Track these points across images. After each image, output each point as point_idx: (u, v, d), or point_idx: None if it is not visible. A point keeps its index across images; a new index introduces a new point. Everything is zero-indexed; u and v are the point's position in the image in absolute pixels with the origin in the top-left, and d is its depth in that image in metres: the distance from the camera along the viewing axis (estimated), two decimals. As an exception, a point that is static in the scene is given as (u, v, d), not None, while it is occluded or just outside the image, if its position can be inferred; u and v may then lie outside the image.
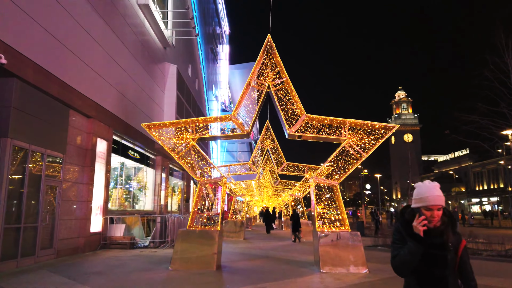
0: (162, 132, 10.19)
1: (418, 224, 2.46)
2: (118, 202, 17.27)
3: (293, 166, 20.26)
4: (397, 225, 2.71)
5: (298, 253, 13.05)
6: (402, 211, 2.78)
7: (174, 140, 10.13)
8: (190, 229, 9.57)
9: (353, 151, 9.95)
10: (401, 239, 2.59)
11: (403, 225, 2.63)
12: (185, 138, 10.11)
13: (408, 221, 2.61)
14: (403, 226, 2.62)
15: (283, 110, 10.17)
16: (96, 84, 13.56)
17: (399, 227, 2.66)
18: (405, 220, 2.66)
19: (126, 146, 17.62)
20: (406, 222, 2.62)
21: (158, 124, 10.09)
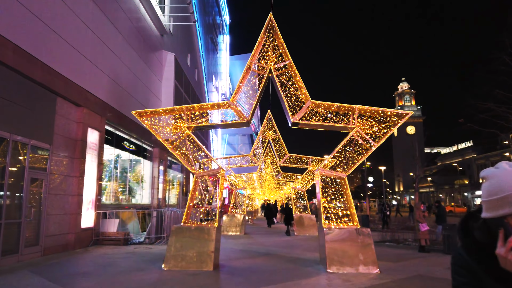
0: (155, 120, 9.37)
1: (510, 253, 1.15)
2: (113, 196, 16.53)
3: (296, 158, 19.45)
4: (462, 258, 1.34)
5: (301, 250, 12.30)
6: (464, 224, 1.38)
7: (168, 129, 9.31)
8: (185, 225, 8.79)
9: (363, 140, 9.12)
10: (473, 284, 1.29)
11: (477, 256, 1.30)
12: (179, 126, 9.29)
13: (481, 245, 1.29)
14: (477, 260, 1.29)
15: (286, 96, 9.33)
16: (86, 71, 12.71)
17: (467, 262, 1.32)
18: (476, 245, 1.31)
19: (121, 137, 16.83)
20: (479, 249, 1.30)
21: (150, 111, 9.28)
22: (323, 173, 9.12)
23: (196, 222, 8.97)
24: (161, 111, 9.26)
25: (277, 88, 9.50)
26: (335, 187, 9.15)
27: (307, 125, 9.35)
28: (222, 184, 9.11)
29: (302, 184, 20.47)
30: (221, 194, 8.98)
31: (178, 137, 9.37)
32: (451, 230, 11.48)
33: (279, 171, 28.55)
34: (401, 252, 11.88)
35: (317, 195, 9.21)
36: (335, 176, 9.13)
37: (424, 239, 11.86)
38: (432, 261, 10.21)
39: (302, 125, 9.37)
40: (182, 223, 8.90)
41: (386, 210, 18.30)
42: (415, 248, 12.65)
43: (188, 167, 9.26)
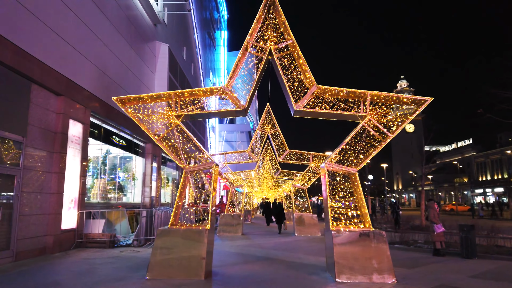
0: (139, 108, 8.23)
1: None
2: (101, 195, 15.38)
3: (296, 154, 18.36)
4: None
5: (304, 253, 11.21)
6: None
7: (154, 119, 8.18)
8: (173, 227, 7.67)
9: (375, 130, 8.01)
10: None
11: None
12: (167, 115, 8.16)
13: None
14: None
15: (288, 80, 8.21)
16: (67, 57, 11.56)
17: None
18: None
19: (109, 132, 15.67)
20: None
21: (133, 97, 8.13)
22: (331, 168, 8.01)
23: (186, 224, 7.85)
24: (146, 97, 8.12)
25: (278, 72, 8.38)
26: (344, 184, 8.05)
27: (312, 113, 8.24)
28: (215, 181, 8.00)
29: (303, 181, 19.38)
30: (214, 191, 7.87)
31: (166, 127, 8.25)
32: (469, 232, 10.40)
33: (278, 168, 27.47)
34: (414, 256, 10.80)
35: (324, 193, 8.10)
36: (345, 172, 8.03)
37: (439, 241, 10.78)
38: (451, 267, 9.13)
39: (306, 113, 8.25)
40: (169, 225, 7.77)
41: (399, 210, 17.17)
42: (428, 251, 11.58)
43: (177, 162, 8.13)
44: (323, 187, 8.17)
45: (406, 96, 7.88)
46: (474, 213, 37.59)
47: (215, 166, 8.00)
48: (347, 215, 7.88)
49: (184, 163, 8.05)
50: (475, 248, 10.46)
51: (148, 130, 8.12)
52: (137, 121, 8.13)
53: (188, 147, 8.12)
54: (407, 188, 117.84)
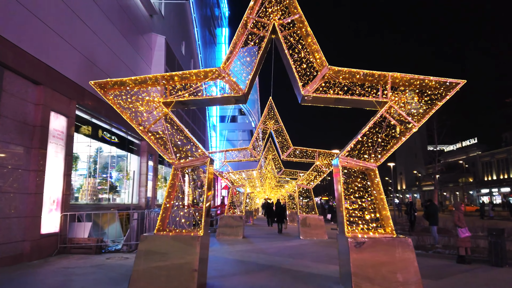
0: (121, 94, 7.08)
1: None
2: (90, 195, 14.25)
3: (301, 151, 17.17)
4: None
5: (312, 260, 10.02)
6: None
7: (140, 107, 7.02)
8: (159, 233, 6.51)
9: (398, 119, 6.83)
10: None
11: None
12: (154, 102, 7.00)
13: None
14: None
15: (295, 62, 7.03)
16: (48, 42, 10.43)
17: None
18: None
19: (100, 127, 14.54)
20: None
21: (114, 82, 6.97)
22: (346, 163, 6.82)
23: (175, 229, 6.68)
24: (129, 81, 6.95)
25: (283, 52, 7.21)
26: (362, 182, 6.87)
27: (322, 99, 7.06)
28: (210, 178, 6.83)
29: (308, 181, 18.20)
30: (209, 191, 6.70)
31: (153, 116, 7.08)
32: (499, 237, 9.20)
33: (281, 167, 26.30)
34: (436, 264, 9.60)
35: (337, 192, 6.92)
36: (362, 167, 6.84)
37: (464, 247, 9.58)
38: (483, 278, 7.94)
39: (316, 100, 7.07)
40: (155, 231, 6.60)
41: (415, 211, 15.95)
42: (450, 257, 10.39)
43: (165, 156, 6.97)
44: (336, 186, 6.99)
45: (434, 78, 6.69)
46: (484, 213, 36.27)
47: (209, 161, 6.83)
48: (365, 218, 6.69)
49: (174, 158, 6.88)
50: (505, 255, 9.26)
51: (132, 120, 6.97)
52: (118, 109, 6.98)
53: (179, 140, 6.95)
54: (411, 188, 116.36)
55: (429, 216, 14.16)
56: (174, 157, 6.87)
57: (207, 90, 6.98)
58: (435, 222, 13.86)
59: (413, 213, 16.11)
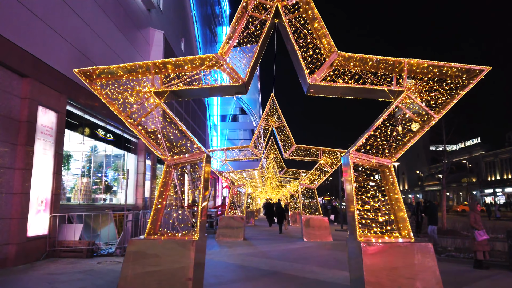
0: (108, 84, 6.41)
1: None
2: (84, 195, 13.60)
3: (304, 149, 16.50)
4: None
5: (318, 265, 9.34)
6: None
7: (129, 98, 6.36)
8: (149, 238, 5.84)
9: (415, 111, 6.16)
10: None
11: None
12: (144, 92, 6.34)
13: None
14: None
15: (300, 47, 6.36)
16: (35, 32, 9.79)
17: None
18: None
19: (94, 124, 13.89)
20: None
21: (100, 70, 6.30)
22: (357, 159, 6.14)
23: (168, 233, 6.02)
24: (117, 69, 6.28)
25: (287, 36, 6.54)
26: (375, 181, 6.19)
27: (330, 89, 6.39)
28: (207, 176, 6.17)
29: (311, 180, 17.53)
30: (206, 189, 6.04)
31: (143, 108, 6.42)
32: (520, 240, 8.51)
33: (283, 167, 25.61)
34: (451, 269, 8.91)
35: (347, 192, 6.25)
36: (376, 164, 6.16)
37: (482, 251, 8.88)
38: (503, 284, 7.25)
39: (323, 89, 6.40)
40: (145, 234, 5.94)
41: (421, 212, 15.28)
42: (466, 261, 9.71)
43: (156, 152, 6.30)
44: (345, 185, 6.32)
45: (455, 65, 6.01)
46: (491, 214, 35.52)
47: (205, 157, 6.16)
48: (378, 220, 6.01)
49: (166, 154, 6.21)
50: (527, 259, 8.57)
51: (120, 112, 6.30)
52: (105, 99, 6.32)
53: (172, 134, 6.29)
54: (413, 188, 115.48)
55: (430, 216, 13.73)
56: (166, 153, 6.20)
57: (203, 80, 6.31)
58: (434, 222, 13.37)
59: (420, 214, 15.43)
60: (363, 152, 6.16)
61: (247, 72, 6.30)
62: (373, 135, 6.21)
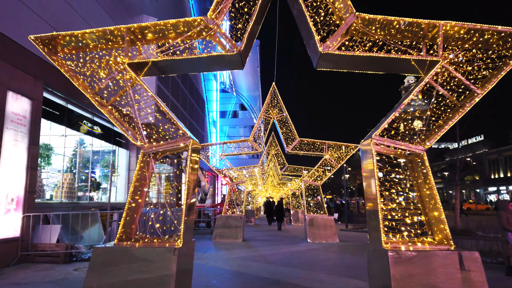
0: (71, 55, 5.22)
1: None
2: (67, 193, 12.42)
3: (308, 143, 15.28)
4: None
5: (326, 272, 8.15)
6: None
7: (98, 71, 5.16)
8: (121, 244, 4.65)
9: (452, 86, 4.96)
10: None
11: None
12: (118, 64, 5.14)
13: None
14: None
15: (310, 7, 5.14)
16: (7, 9, 8.60)
17: None
18: None
19: (78, 115, 12.71)
20: None
21: (62, 36, 5.09)
22: (381, 146, 4.93)
23: (146, 238, 4.83)
24: (82, 35, 5.07)
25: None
26: (403, 172, 5.00)
27: (346, 61, 5.18)
28: (193, 165, 4.97)
29: (315, 177, 16.34)
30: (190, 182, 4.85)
31: (118, 86, 5.22)
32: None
33: (285, 163, 24.42)
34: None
35: (367, 188, 5.05)
36: (405, 152, 4.95)
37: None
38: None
39: (338, 60, 5.19)
40: (116, 240, 4.75)
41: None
42: (495, 267, 8.51)
43: (131, 138, 5.10)
44: (366, 178, 5.12)
45: (504, 28, 4.80)
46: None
47: (192, 144, 4.96)
48: (408, 222, 4.82)
49: (143, 139, 5.01)
50: None
51: (86, 88, 5.10)
52: (67, 72, 5.13)
53: (151, 116, 5.09)
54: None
55: None
56: (143, 139, 5.00)
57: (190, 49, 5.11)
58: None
59: None
60: (388, 138, 4.95)
61: (243, 39, 5.09)
62: (400, 117, 5.01)
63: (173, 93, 22.90)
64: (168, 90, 21.52)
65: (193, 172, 5.01)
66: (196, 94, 32.91)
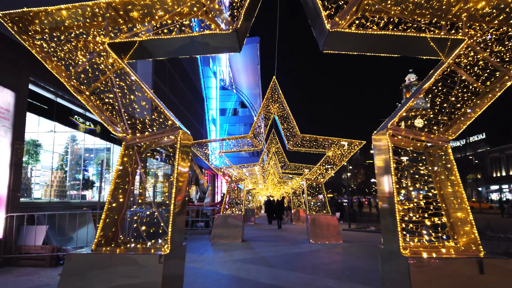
0: (44, 34, 4.60)
1: None
2: (57, 192, 11.82)
3: (310, 140, 14.65)
4: None
5: (332, 276, 7.54)
6: None
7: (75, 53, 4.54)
8: (99, 250, 4.04)
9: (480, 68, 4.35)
10: None
11: None
12: (97, 44, 4.52)
13: None
14: None
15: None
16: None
17: None
18: None
19: (69, 110, 12.08)
20: None
21: (34, 12, 4.47)
22: (399, 136, 4.31)
23: (130, 242, 4.22)
24: (57, 11, 4.45)
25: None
26: (423, 168, 4.38)
27: (357, 40, 4.57)
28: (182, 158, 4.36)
29: (317, 174, 15.73)
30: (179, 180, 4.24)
31: (99, 70, 4.61)
32: None
33: (286, 161, 23.82)
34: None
35: (381, 185, 4.43)
36: (425, 143, 4.34)
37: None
38: None
39: (348, 41, 4.58)
40: (93, 246, 4.14)
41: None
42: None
43: (111, 128, 4.49)
44: (380, 174, 4.50)
45: (539, 2, 4.17)
46: (504, 211, 33.66)
47: (180, 136, 4.34)
48: (429, 224, 4.21)
49: (125, 130, 4.40)
50: None
51: (61, 72, 4.48)
52: (39, 53, 4.51)
53: (135, 103, 4.48)
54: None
55: None
56: (126, 130, 4.39)
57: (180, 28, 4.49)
58: None
59: None
60: (406, 127, 4.33)
61: (240, 15, 4.47)
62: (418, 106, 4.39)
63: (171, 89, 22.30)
64: (165, 85, 20.91)
65: (183, 167, 4.40)
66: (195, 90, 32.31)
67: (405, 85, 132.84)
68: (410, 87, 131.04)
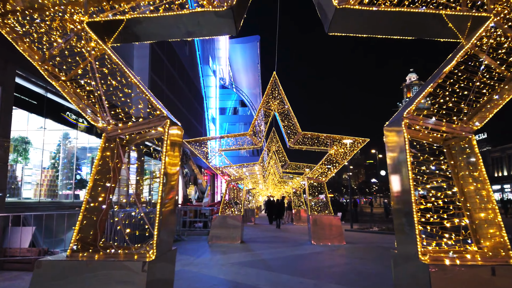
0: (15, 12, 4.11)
1: None
2: (48, 191, 11.33)
3: (311, 137, 14.15)
4: None
5: (336, 281, 7.04)
6: None
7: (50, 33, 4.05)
8: (74, 257, 3.55)
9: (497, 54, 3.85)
10: None
11: None
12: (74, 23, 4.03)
13: None
14: None
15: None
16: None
17: None
18: None
19: (60, 106, 11.59)
20: None
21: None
22: (416, 127, 3.80)
23: (110, 247, 3.72)
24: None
25: None
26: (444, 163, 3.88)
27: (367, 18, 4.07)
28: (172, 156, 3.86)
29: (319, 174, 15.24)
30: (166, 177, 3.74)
31: (79, 55, 4.11)
32: None
33: (286, 160, 23.33)
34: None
35: (394, 182, 3.94)
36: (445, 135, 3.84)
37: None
38: None
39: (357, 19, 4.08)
40: (68, 251, 3.64)
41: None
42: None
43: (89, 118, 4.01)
44: (394, 169, 4.00)
45: None
46: (507, 211, 33.16)
47: (168, 126, 3.84)
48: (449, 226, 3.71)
49: (106, 120, 3.91)
50: None
51: (33, 54, 3.99)
52: (10, 34, 4.03)
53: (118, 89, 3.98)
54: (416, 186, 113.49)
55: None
56: (108, 119, 3.89)
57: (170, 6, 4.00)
58: None
59: None
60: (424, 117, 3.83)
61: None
62: (438, 92, 3.89)
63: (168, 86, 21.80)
64: (163, 82, 20.44)
65: (172, 162, 3.90)
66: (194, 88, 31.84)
67: (406, 85, 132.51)
68: (411, 86, 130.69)
